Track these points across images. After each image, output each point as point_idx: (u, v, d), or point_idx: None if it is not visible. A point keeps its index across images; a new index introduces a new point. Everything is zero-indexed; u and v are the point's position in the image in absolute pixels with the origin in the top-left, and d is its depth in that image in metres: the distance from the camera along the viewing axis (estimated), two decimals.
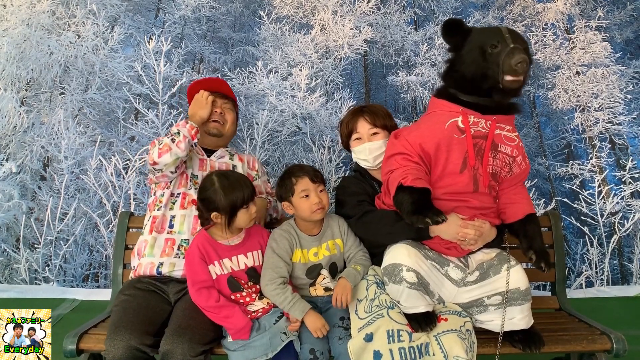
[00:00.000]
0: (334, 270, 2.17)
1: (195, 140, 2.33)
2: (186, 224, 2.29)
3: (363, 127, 2.28)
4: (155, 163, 2.22)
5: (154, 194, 2.41)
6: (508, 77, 1.74)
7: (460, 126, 1.86)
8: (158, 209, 2.35)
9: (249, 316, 1.99)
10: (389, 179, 1.93)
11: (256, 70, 6.54)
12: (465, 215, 1.88)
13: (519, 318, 1.90)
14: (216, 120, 2.52)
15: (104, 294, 3.77)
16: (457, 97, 1.91)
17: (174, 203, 2.35)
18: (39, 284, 4.77)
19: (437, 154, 1.87)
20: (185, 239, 2.26)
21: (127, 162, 5.22)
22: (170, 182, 2.36)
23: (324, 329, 1.92)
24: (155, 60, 5.95)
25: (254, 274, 2.09)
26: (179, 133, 2.25)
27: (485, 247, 2.01)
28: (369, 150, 2.24)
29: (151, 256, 2.24)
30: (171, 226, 2.30)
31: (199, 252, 2.00)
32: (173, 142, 2.21)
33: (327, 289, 2.13)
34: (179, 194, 2.36)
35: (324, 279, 2.14)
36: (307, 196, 2.08)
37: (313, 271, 2.13)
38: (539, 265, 1.90)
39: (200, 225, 2.20)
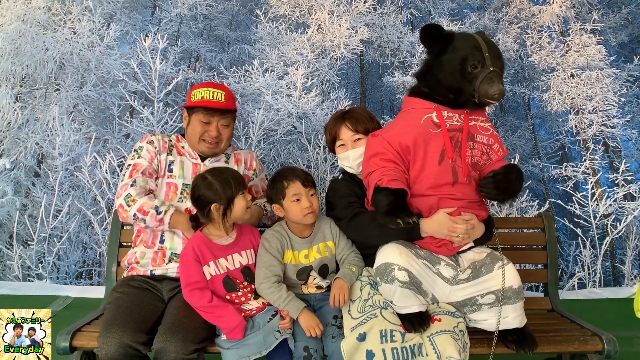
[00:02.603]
0: (325, 272, 2.18)
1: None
2: (176, 239, 2.24)
3: (345, 134, 2.27)
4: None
5: None
6: (484, 100, 1.82)
7: (435, 121, 1.91)
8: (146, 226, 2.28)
9: (242, 314, 1.99)
10: (368, 181, 1.96)
11: (252, 69, 6.53)
12: (452, 206, 1.90)
13: (512, 317, 1.92)
14: (209, 142, 2.36)
15: (98, 292, 3.77)
16: (430, 95, 1.97)
17: None
18: (32, 281, 4.76)
19: (415, 148, 1.92)
20: (175, 253, 2.22)
21: (122, 159, 5.20)
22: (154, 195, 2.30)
23: (317, 328, 1.93)
24: (151, 57, 5.93)
25: (248, 272, 2.10)
26: (144, 221, 2.18)
27: (476, 246, 2.04)
28: (352, 157, 2.24)
29: (143, 267, 2.24)
30: (162, 242, 2.27)
31: (194, 253, 1.99)
32: (135, 219, 2.19)
33: (319, 287, 2.15)
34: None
35: (314, 279, 2.15)
36: (298, 200, 2.08)
37: (303, 273, 2.15)
38: (486, 182, 1.90)
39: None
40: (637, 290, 1.71)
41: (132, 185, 2.20)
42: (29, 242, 5.11)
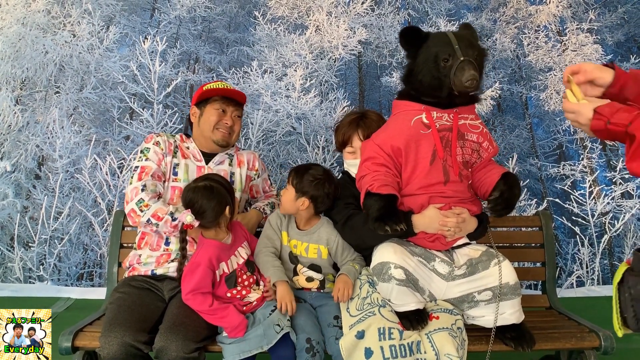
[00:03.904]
0: (317, 269, 2.21)
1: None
2: (180, 249, 2.19)
3: (357, 143, 2.25)
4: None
5: None
6: (461, 89, 1.83)
7: (425, 122, 1.93)
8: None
9: (244, 308, 2.02)
10: (361, 185, 1.99)
11: (251, 71, 6.55)
12: (442, 203, 1.93)
13: (509, 313, 1.93)
14: (224, 131, 2.38)
15: (99, 293, 3.78)
16: (417, 97, 1.99)
17: None
18: (34, 283, 4.77)
19: (407, 150, 1.94)
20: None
21: (122, 161, 5.22)
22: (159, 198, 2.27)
23: (290, 305, 1.99)
24: (151, 59, 5.95)
25: (250, 263, 2.14)
26: (157, 226, 2.15)
27: (471, 243, 2.06)
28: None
29: (145, 266, 2.25)
30: (167, 244, 2.27)
31: (210, 262, 1.98)
32: (148, 224, 2.15)
33: (309, 279, 2.17)
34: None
35: (302, 268, 2.19)
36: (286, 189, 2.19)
37: (293, 257, 2.21)
38: (495, 204, 1.92)
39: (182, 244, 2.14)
40: (614, 308, 1.66)
41: (142, 190, 2.18)
42: (30, 244, 5.13)
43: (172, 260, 2.23)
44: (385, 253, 1.87)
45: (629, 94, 1.49)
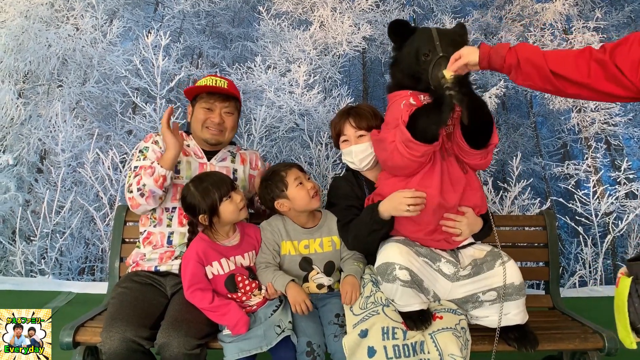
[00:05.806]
0: (331, 269, 2.18)
1: (167, 183, 2.16)
2: (187, 240, 2.19)
3: (349, 130, 2.27)
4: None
5: None
6: (436, 84, 1.79)
7: (412, 103, 1.93)
8: (154, 226, 2.27)
9: (244, 310, 2.01)
10: (394, 144, 1.90)
11: (254, 66, 6.53)
12: (452, 212, 1.94)
13: (514, 313, 1.92)
14: (213, 129, 2.33)
15: (100, 287, 3.78)
16: (404, 85, 2.00)
17: (170, 219, 2.27)
18: (35, 277, 4.76)
19: None
20: (184, 251, 2.20)
21: (124, 155, 5.21)
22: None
23: (304, 304, 1.96)
24: (154, 54, 5.93)
25: (251, 271, 2.12)
26: (145, 186, 2.12)
27: (476, 243, 2.05)
28: (354, 152, 2.24)
29: (148, 262, 2.24)
30: (169, 242, 2.25)
31: (197, 255, 1.99)
32: (142, 196, 2.13)
33: (319, 286, 2.15)
34: (174, 208, 2.26)
35: (317, 273, 2.15)
36: (301, 183, 2.11)
37: (305, 263, 2.16)
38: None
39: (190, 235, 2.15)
40: (620, 321, 1.61)
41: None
42: (31, 238, 5.13)
43: (176, 258, 2.22)
44: (391, 253, 1.86)
45: (495, 64, 1.68)
